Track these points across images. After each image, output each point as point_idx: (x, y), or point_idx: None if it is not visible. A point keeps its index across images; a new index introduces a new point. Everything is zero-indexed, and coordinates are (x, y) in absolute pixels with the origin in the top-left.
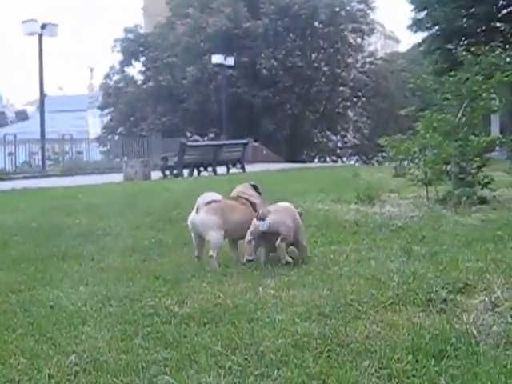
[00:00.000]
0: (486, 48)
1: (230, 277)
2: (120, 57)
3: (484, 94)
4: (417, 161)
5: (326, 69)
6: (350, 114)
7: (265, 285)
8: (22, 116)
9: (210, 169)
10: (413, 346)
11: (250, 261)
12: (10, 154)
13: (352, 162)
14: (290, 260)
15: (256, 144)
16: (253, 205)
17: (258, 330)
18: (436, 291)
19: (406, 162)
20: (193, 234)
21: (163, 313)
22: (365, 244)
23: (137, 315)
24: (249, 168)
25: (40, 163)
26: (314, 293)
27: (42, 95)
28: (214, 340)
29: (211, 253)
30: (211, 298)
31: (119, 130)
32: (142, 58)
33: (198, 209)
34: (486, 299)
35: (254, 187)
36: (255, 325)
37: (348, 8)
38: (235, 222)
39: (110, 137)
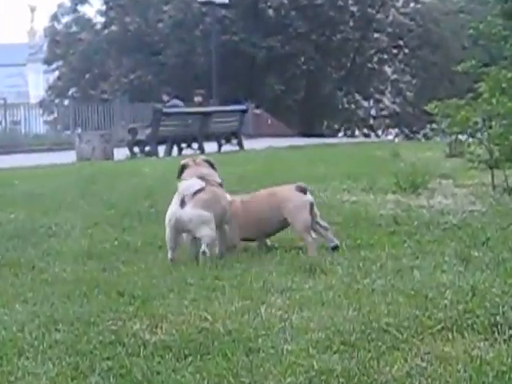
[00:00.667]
0: None
1: (220, 292)
2: None
3: None
4: (479, 135)
5: (354, 9)
6: (388, 70)
7: (269, 303)
8: None
9: (194, 145)
10: None
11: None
12: None
13: (390, 137)
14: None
15: (258, 111)
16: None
17: (259, 364)
18: (503, 313)
19: (463, 137)
20: (171, 231)
21: (129, 341)
22: (406, 248)
23: (93, 344)
24: (248, 144)
25: None
26: (335, 314)
27: None
28: (199, 378)
29: (204, 248)
30: (195, 320)
31: (71, 92)
32: None
33: (182, 201)
34: None
35: (210, 164)
36: (255, 358)
37: None
38: (219, 215)
39: (57, 101)
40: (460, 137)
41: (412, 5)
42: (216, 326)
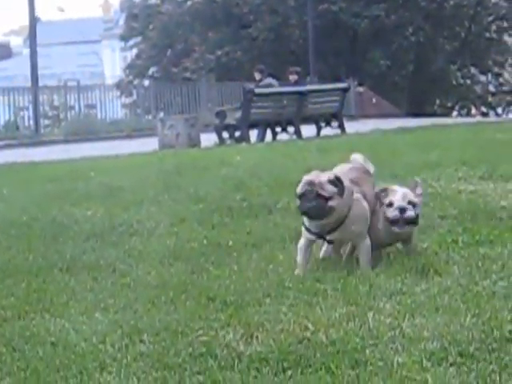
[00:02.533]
0: None
1: (322, 297)
2: None
3: None
4: None
5: None
6: (508, 40)
7: (377, 309)
8: (2, 52)
9: (290, 129)
10: None
11: None
12: None
13: None
14: None
15: (361, 90)
16: None
17: (367, 378)
18: None
19: None
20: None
21: (222, 353)
22: None
23: (182, 356)
24: (351, 126)
25: (31, 124)
26: (452, 321)
27: (33, 20)
28: None
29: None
30: (294, 329)
31: (151, 72)
32: None
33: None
34: None
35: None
36: (362, 371)
37: None
38: None
39: (136, 82)
40: None
41: None
42: (318, 336)
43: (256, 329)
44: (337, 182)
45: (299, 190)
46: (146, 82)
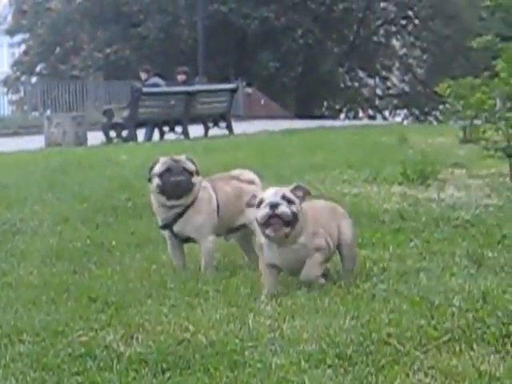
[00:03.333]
0: None
1: (204, 298)
2: None
3: None
4: (496, 119)
5: None
6: (396, 44)
7: (257, 311)
8: None
9: (178, 129)
10: None
11: None
12: None
13: (398, 119)
14: None
15: (250, 90)
16: None
17: (245, 380)
18: None
19: (479, 121)
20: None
21: (101, 354)
22: (413, 248)
23: (61, 357)
24: (239, 127)
25: None
26: (331, 323)
27: None
28: None
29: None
30: (175, 330)
31: (39, 69)
32: None
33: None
34: None
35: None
36: (241, 373)
37: None
38: None
39: (23, 78)
40: (475, 121)
41: None
42: (198, 337)
43: (136, 329)
44: (193, 161)
45: (161, 167)
46: (34, 79)
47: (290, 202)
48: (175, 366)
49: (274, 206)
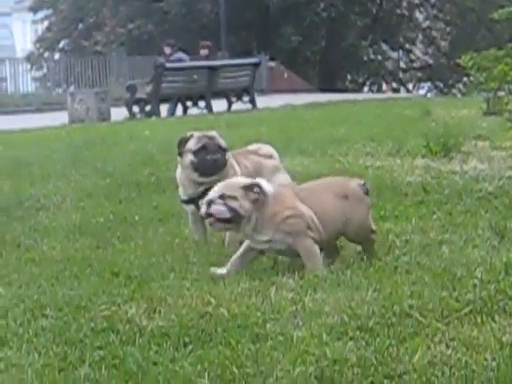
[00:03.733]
0: None
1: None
2: None
3: None
4: None
5: None
6: (419, 16)
7: (280, 284)
8: None
9: (201, 104)
10: (500, 377)
11: None
12: None
13: (422, 92)
14: None
15: (273, 64)
16: None
17: (267, 353)
18: None
19: (503, 93)
20: None
21: (123, 328)
22: (435, 220)
23: (83, 331)
24: (262, 101)
25: None
26: (352, 296)
27: None
28: (199, 369)
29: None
30: (197, 304)
31: (61, 45)
32: None
33: None
34: None
35: None
36: (262, 345)
37: None
38: None
39: (47, 55)
40: (499, 93)
41: None
42: (220, 310)
43: (159, 303)
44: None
45: (197, 144)
46: (57, 56)
47: (231, 198)
48: (197, 339)
49: (208, 203)
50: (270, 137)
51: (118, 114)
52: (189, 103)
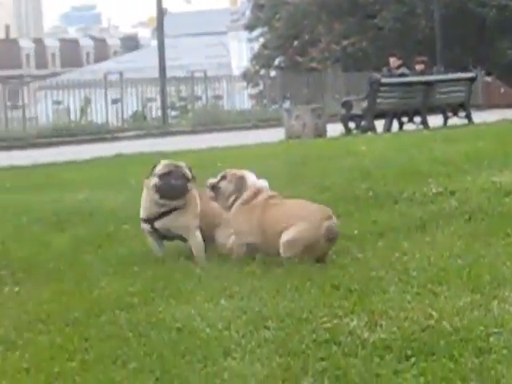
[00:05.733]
0: None
1: (447, 285)
2: None
3: None
4: None
5: None
6: None
7: (502, 297)
8: (130, 44)
9: (417, 119)
10: None
11: None
12: (115, 101)
13: None
14: None
15: (489, 79)
16: None
17: (491, 366)
18: None
19: None
20: None
21: (345, 340)
22: None
23: (305, 343)
24: (478, 116)
25: (159, 115)
26: None
27: (161, 12)
28: (423, 381)
29: None
30: (419, 317)
31: (277, 62)
32: None
33: None
34: None
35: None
36: (486, 359)
37: None
38: None
39: (262, 72)
40: None
41: None
42: (442, 324)
43: (380, 316)
44: (191, 169)
45: (163, 169)
46: (273, 73)
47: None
48: (419, 352)
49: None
50: (487, 152)
51: (334, 130)
52: (404, 119)
